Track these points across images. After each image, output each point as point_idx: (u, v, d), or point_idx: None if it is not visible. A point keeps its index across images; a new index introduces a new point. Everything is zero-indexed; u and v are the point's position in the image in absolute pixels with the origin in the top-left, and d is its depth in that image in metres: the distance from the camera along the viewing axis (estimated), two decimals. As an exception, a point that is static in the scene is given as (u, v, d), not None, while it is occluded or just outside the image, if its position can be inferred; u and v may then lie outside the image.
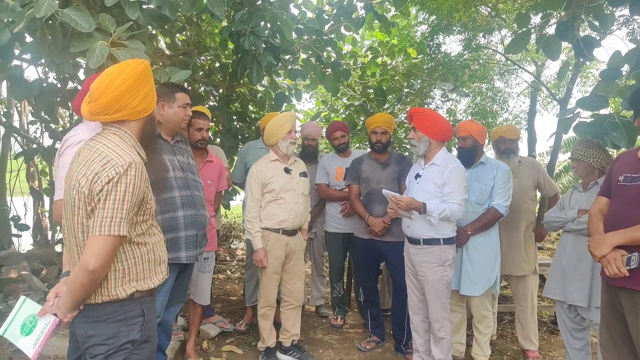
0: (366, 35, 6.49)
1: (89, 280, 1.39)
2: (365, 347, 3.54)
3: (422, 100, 6.45)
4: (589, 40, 2.82)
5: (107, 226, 1.37)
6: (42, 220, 5.82)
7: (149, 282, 1.55)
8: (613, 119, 2.39)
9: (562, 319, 2.92)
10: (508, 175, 3.09)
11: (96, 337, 1.46)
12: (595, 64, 8.77)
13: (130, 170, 1.41)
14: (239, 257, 6.88)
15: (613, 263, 2.00)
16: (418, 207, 2.74)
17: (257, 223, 3.05)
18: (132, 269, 1.50)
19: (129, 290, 1.49)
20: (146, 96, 1.54)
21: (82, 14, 2.11)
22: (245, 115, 5.18)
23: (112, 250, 1.40)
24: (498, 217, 3.05)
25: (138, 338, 1.49)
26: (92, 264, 1.37)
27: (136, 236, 1.50)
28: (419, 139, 2.89)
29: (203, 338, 3.54)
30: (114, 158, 1.42)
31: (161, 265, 1.61)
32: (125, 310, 1.48)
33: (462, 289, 3.06)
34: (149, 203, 1.53)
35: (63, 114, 4.84)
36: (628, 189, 2.10)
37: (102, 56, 2.06)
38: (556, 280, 2.88)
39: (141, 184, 1.45)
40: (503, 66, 8.43)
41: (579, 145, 2.79)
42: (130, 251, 1.50)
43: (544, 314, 4.32)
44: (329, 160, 4.01)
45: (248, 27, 3.38)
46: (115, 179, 1.39)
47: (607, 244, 2.04)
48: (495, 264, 3.07)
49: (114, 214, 1.38)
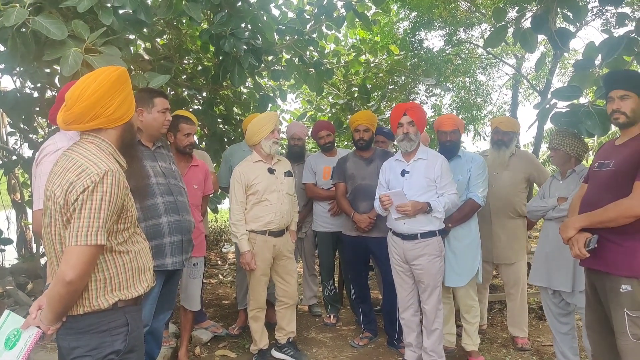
0: (349, 33, 6.52)
1: (66, 292, 1.37)
2: (359, 343, 3.56)
3: (407, 96, 6.50)
4: (563, 32, 2.87)
5: (84, 236, 1.35)
6: (25, 233, 5.72)
7: (133, 290, 1.53)
8: (587, 109, 2.44)
9: (547, 305, 2.98)
10: (483, 167, 3.16)
11: (79, 349, 1.44)
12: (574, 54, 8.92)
13: (106, 178, 1.39)
14: (230, 260, 6.85)
15: (576, 245, 2.10)
16: (423, 208, 2.79)
17: (242, 226, 3.04)
18: (114, 278, 1.48)
19: (111, 300, 1.47)
20: (122, 103, 1.51)
21: (54, 21, 2.08)
22: (230, 118, 5.16)
23: (90, 260, 1.38)
24: (476, 207, 3.11)
25: (122, 348, 1.47)
26: (69, 275, 1.34)
27: (117, 245, 1.48)
28: (415, 133, 2.91)
29: (195, 344, 3.52)
30: (89, 167, 1.40)
31: (146, 274, 1.59)
32: (109, 321, 1.46)
33: (447, 280, 3.09)
34: (130, 211, 1.51)
35: (42, 124, 4.77)
36: (600, 175, 2.17)
37: (76, 63, 2.03)
38: (540, 268, 2.94)
39: (119, 192, 1.42)
40: (485, 60, 8.54)
41: (556, 134, 2.85)
42: (111, 260, 1.48)
43: (532, 301, 4.38)
44: (316, 160, 4.01)
45: (228, 29, 3.37)
46: (91, 188, 1.37)
47: (572, 227, 2.13)
48: (476, 253, 3.13)
49: (90, 223, 1.36)
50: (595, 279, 2.16)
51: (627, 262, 2.00)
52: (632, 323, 1.98)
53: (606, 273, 2.07)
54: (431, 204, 2.80)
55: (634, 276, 1.99)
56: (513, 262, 3.44)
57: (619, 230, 2.01)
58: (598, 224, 2.05)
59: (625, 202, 1.96)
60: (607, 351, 2.17)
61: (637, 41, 2.60)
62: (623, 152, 2.10)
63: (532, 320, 4.03)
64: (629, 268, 1.99)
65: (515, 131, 3.54)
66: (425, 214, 2.82)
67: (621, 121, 2.11)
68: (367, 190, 3.32)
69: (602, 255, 2.07)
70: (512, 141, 3.50)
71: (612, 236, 2.03)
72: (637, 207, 1.93)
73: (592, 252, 2.07)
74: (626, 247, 2.01)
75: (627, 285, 1.99)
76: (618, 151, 2.13)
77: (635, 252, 1.99)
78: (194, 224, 2.54)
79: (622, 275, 2.01)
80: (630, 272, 1.99)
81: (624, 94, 2.08)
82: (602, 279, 2.10)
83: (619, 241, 2.02)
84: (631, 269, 1.99)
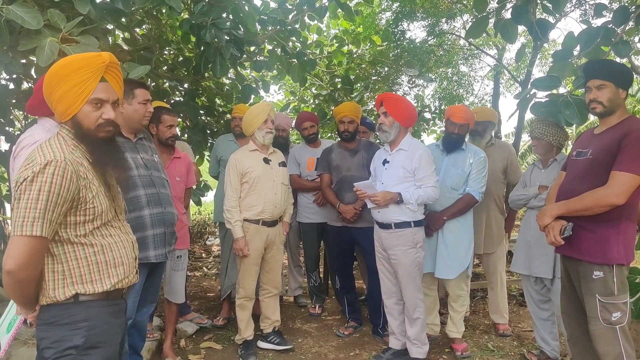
0: (331, 24, 6.48)
1: (12, 282, 1.35)
2: (344, 333, 3.59)
3: (390, 87, 6.52)
4: (543, 23, 2.91)
5: (19, 226, 1.32)
6: (4, 227, 5.58)
7: (97, 285, 1.47)
8: (566, 98, 2.49)
9: (528, 292, 3.05)
10: (484, 162, 3.11)
11: (45, 340, 1.43)
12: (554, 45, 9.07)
13: (48, 167, 1.34)
14: (214, 253, 6.82)
15: (551, 232, 2.14)
16: (394, 198, 2.79)
17: (236, 212, 3.05)
18: (74, 271, 1.44)
19: (69, 292, 1.43)
20: (61, 99, 1.44)
21: (29, 10, 2.01)
22: (212, 109, 5.10)
23: (29, 251, 1.34)
24: (473, 202, 3.09)
25: (81, 344, 1.42)
26: (8, 265, 1.32)
27: (77, 237, 1.44)
28: (390, 124, 2.89)
29: (180, 336, 3.51)
30: (37, 157, 1.37)
31: (117, 268, 1.52)
32: (70, 314, 1.43)
33: (437, 272, 3.12)
34: (90, 203, 1.45)
35: (19, 116, 4.63)
36: (578, 163, 2.22)
37: (52, 53, 1.97)
38: (522, 255, 3.00)
39: (63, 182, 1.36)
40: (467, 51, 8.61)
41: (538, 124, 2.88)
42: (71, 252, 1.44)
43: (513, 288, 4.49)
44: (300, 151, 4.01)
45: (209, 19, 3.31)
46: (30, 178, 1.33)
47: (549, 215, 2.18)
48: (469, 248, 3.12)
49: (26, 213, 1.32)
50: (570, 265, 2.22)
51: (600, 249, 2.05)
52: (603, 308, 2.05)
53: (579, 260, 2.12)
54: (402, 195, 2.79)
55: (605, 263, 2.05)
56: (493, 251, 3.51)
57: (594, 219, 2.06)
58: (574, 212, 2.09)
59: (601, 191, 2.01)
60: (582, 335, 2.24)
61: (614, 31, 2.65)
62: (601, 141, 2.14)
63: (512, 306, 4.13)
64: (602, 255, 2.05)
65: (490, 121, 3.51)
66: (397, 204, 2.82)
67: (598, 110, 2.15)
68: (352, 181, 3.32)
69: (576, 243, 2.12)
70: (487, 131, 3.48)
71: (586, 224, 2.08)
72: (612, 196, 1.97)
73: (567, 240, 2.12)
74: (600, 234, 2.06)
75: (599, 272, 2.06)
76: (596, 140, 2.17)
77: (608, 239, 2.05)
78: (177, 216, 2.51)
79: (594, 262, 2.07)
80: (602, 260, 2.05)
81: (601, 84, 2.11)
82: (576, 266, 2.16)
83: (593, 229, 2.08)
84: (604, 257, 2.05)
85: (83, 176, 1.43)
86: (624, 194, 1.96)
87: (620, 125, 2.10)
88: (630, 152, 1.98)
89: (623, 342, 2.04)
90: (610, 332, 2.06)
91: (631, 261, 2.10)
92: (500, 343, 3.42)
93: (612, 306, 2.05)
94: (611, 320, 2.05)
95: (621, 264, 2.05)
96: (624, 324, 2.06)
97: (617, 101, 2.12)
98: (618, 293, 2.04)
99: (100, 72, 1.46)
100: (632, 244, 2.11)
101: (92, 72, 1.45)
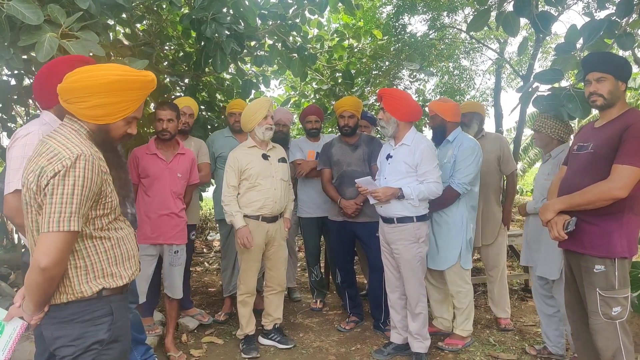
0: (332, 18, 6.45)
1: (43, 279, 1.34)
2: (345, 327, 3.60)
3: (391, 81, 6.49)
4: (545, 16, 2.89)
5: (56, 222, 1.32)
6: (7, 223, 5.60)
7: (118, 279, 1.50)
8: (568, 92, 2.47)
9: (535, 286, 3.03)
10: (469, 151, 3.02)
11: (63, 339, 1.42)
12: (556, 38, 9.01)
13: (79, 162, 1.34)
14: (216, 248, 6.83)
15: (554, 227, 2.14)
16: (395, 193, 2.79)
17: (234, 204, 3.05)
18: (97, 265, 1.46)
19: (95, 287, 1.44)
20: (99, 106, 1.43)
21: (29, 6, 2.01)
22: (213, 105, 5.09)
23: (64, 247, 1.34)
24: (454, 195, 3.03)
25: (106, 338, 1.45)
26: (43, 262, 1.31)
27: (96, 231, 1.45)
28: (387, 120, 2.91)
29: (182, 331, 3.52)
30: (61, 151, 1.36)
31: (130, 260, 1.57)
32: (92, 310, 1.44)
33: (428, 262, 3.09)
34: (109, 197, 1.47)
35: (21, 112, 4.63)
36: (578, 157, 2.21)
37: (52, 49, 1.97)
38: (528, 251, 3.01)
39: (93, 176, 1.38)
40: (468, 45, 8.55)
41: (539, 117, 2.88)
42: (92, 247, 1.45)
43: (514, 282, 4.49)
44: (301, 143, 4.02)
45: (209, 14, 3.30)
46: (62, 172, 1.32)
47: (551, 210, 2.17)
48: (458, 240, 3.07)
49: (62, 208, 1.32)
50: (572, 260, 2.22)
51: (603, 243, 2.05)
52: (603, 303, 2.05)
53: (582, 254, 2.12)
54: (403, 190, 2.79)
55: (607, 257, 2.05)
56: (490, 242, 3.50)
57: (596, 212, 2.05)
58: (577, 207, 2.09)
59: (604, 184, 2.01)
60: (584, 330, 2.24)
61: (617, 24, 2.63)
62: (602, 134, 2.13)
63: (514, 301, 4.13)
64: (605, 249, 2.05)
65: (477, 112, 3.52)
66: (398, 199, 2.82)
67: (599, 103, 2.14)
68: (353, 176, 3.33)
69: (579, 237, 2.12)
70: (472, 122, 3.47)
71: (589, 218, 2.08)
72: (614, 189, 1.97)
73: (570, 235, 2.12)
74: (603, 228, 2.06)
75: (600, 266, 2.05)
76: (597, 134, 2.16)
77: (611, 233, 2.04)
78: None
79: (596, 256, 2.06)
80: (605, 253, 2.05)
81: (601, 77, 2.10)
82: (578, 260, 2.16)
83: (595, 222, 2.07)
84: (607, 250, 2.04)
85: (105, 170, 1.45)
86: (627, 187, 1.96)
87: (620, 118, 2.09)
88: (632, 145, 1.97)
89: (622, 337, 2.05)
90: (610, 327, 2.06)
91: (634, 254, 2.10)
92: (502, 337, 3.42)
93: (613, 300, 2.05)
94: (611, 314, 2.05)
95: (624, 257, 2.05)
96: (624, 318, 2.06)
97: (617, 93, 2.11)
98: (619, 287, 2.04)
99: (147, 95, 1.49)
100: (636, 237, 2.11)
101: (143, 96, 1.48)
